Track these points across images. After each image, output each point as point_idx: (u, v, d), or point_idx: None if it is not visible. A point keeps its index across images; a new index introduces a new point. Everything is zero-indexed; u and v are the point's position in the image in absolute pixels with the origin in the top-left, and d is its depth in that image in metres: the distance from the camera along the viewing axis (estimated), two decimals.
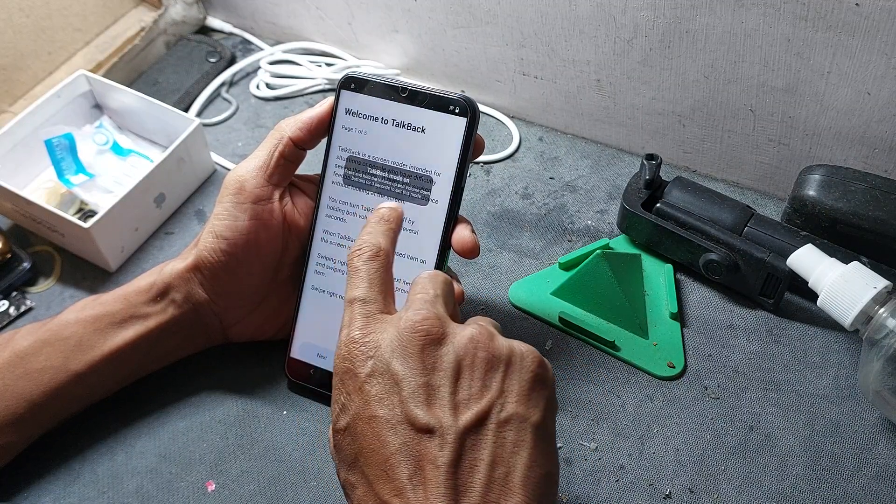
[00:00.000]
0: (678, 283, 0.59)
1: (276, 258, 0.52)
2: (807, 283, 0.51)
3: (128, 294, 0.50)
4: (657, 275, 0.59)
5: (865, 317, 0.48)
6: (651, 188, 0.59)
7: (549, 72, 0.66)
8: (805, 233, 0.55)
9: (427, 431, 0.36)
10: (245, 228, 0.49)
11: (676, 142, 0.66)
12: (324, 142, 0.51)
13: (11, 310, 0.59)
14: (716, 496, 0.48)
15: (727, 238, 0.55)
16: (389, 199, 0.49)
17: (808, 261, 0.51)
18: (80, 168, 0.64)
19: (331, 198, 0.51)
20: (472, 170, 0.68)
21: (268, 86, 0.76)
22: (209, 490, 0.49)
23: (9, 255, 0.60)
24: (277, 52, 0.77)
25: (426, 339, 0.37)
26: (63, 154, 0.64)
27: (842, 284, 0.49)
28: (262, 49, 0.79)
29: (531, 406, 0.37)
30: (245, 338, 0.54)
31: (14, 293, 0.60)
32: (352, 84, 0.50)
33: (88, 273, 0.62)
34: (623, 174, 0.67)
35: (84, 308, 0.50)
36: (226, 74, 0.76)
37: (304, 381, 0.52)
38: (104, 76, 0.71)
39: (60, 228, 0.60)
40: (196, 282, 0.50)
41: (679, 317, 0.57)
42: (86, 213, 0.64)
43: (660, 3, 0.57)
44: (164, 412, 0.53)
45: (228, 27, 0.81)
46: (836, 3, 0.51)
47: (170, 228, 0.65)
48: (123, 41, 0.75)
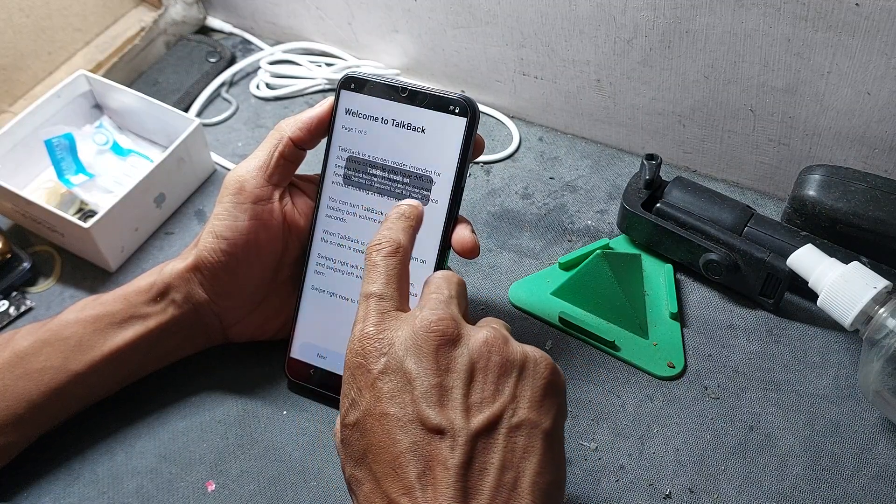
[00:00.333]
0: (678, 283, 0.59)
1: (276, 258, 0.52)
2: (807, 283, 0.51)
3: (128, 294, 0.50)
4: (657, 275, 0.59)
5: (865, 317, 0.48)
6: (651, 188, 0.59)
7: (549, 72, 0.66)
8: (805, 233, 0.55)
9: (438, 432, 0.36)
10: (245, 228, 0.49)
11: (676, 142, 0.66)
12: (324, 142, 0.51)
13: (11, 310, 0.59)
14: (716, 496, 0.48)
15: (727, 238, 0.55)
16: (390, 199, 0.49)
17: (808, 261, 0.51)
18: (80, 168, 0.64)
19: (331, 198, 0.51)
20: (472, 170, 0.68)
21: (268, 86, 0.76)
22: (209, 490, 0.49)
23: (9, 255, 0.60)
24: (277, 52, 0.77)
25: (441, 340, 0.37)
26: (63, 154, 0.64)
27: (842, 284, 0.49)
28: (262, 49, 0.79)
29: (543, 413, 0.37)
30: (245, 338, 0.54)
31: (14, 293, 0.60)
32: (352, 84, 0.50)
33: (88, 273, 0.62)
34: (623, 174, 0.67)
35: (84, 308, 0.50)
36: (226, 74, 0.76)
37: (304, 381, 0.52)
38: (104, 76, 0.71)
39: (60, 228, 0.60)
40: (196, 282, 0.50)
41: (679, 317, 0.57)
42: (86, 213, 0.64)
43: (660, 3, 0.56)
44: (164, 412, 0.53)
45: (228, 27, 0.81)
46: (836, 3, 0.51)
47: (170, 228, 0.65)
48: (123, 41, 0.75)
